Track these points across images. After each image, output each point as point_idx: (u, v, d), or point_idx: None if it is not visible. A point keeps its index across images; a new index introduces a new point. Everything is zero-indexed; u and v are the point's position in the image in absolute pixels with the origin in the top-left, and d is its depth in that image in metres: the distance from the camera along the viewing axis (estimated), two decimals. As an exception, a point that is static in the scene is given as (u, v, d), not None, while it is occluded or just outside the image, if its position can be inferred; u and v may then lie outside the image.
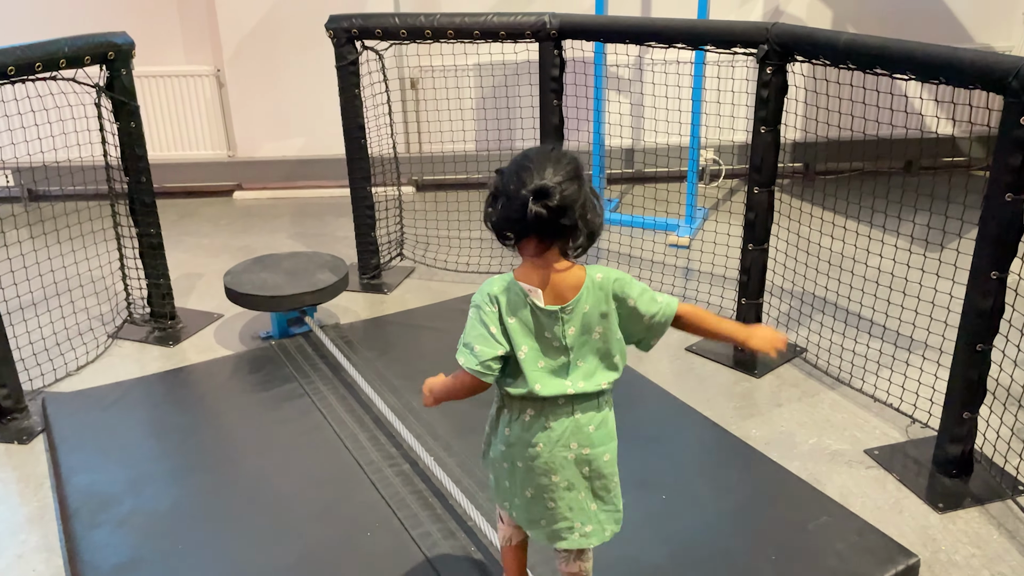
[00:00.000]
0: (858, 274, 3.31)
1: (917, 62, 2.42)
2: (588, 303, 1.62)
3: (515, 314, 1.62)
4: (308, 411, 3.00)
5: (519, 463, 1.71)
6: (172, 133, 5.29)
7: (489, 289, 1.65)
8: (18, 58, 2.88)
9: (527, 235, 1.58)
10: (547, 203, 1.52)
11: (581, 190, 1.57)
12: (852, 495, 2.57)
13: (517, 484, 1.74)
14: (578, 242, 1.59)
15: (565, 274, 1.62)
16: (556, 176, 1.54)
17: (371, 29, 3.63)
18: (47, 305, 3.69)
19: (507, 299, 1.63)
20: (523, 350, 1.62)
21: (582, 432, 1.67)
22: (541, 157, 1.57)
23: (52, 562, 2.42)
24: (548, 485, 1.70)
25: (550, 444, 1.67)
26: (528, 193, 1.52)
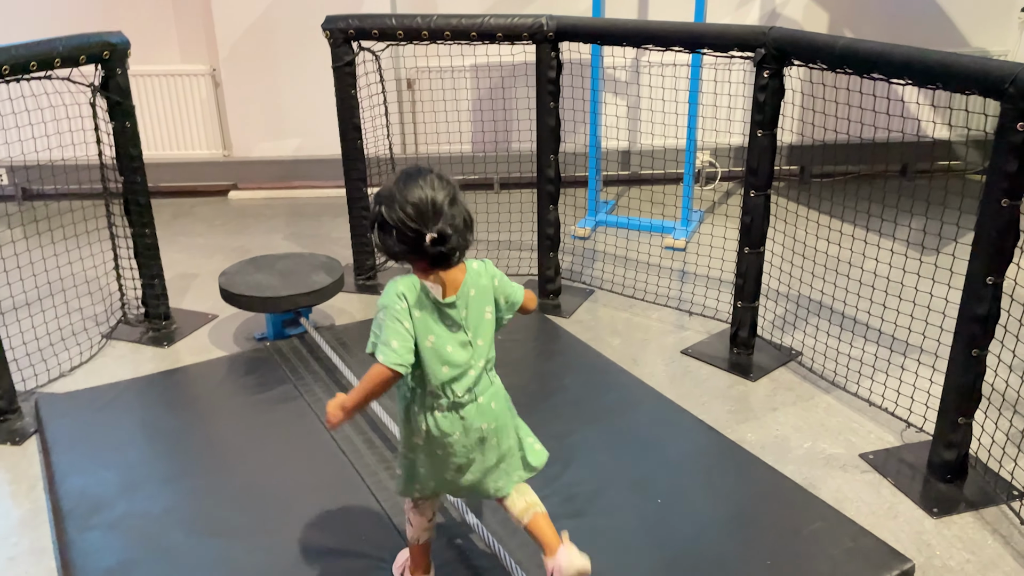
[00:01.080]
0: (853, 278, 3.31)
1: (914, 67, 2.42)
2: (473, 288, 1.88)
3: (421, 308, 1.83)
4: (303, 413, 2.99)
5: (439, 451, 1.92)
6: (167, 132, 5.28)
7: (395, 290, 1.83)
8: (13, 57, 2.86)
9: (422, 259, 1.82)
10: (445, 245, 1.78)
11: (462, 212, 1.81)
12: (847, 500, 2.58)
13: (438, 469, 1.95)
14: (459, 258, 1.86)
15: (453, 271, 1.86)
16: (449, 211, 1.77)
17: (368, 30, 3.62)
18: (40, 305, 3.67)
19: (414, 296, 1.83)
20: (430, 339, 1.84)
21: (486, 411, 1.93)
22: (428, 190, 1.77)
23: (44, 564, 2.41)
24: (466, 463, 1.94)
25: (465, 430, 1.91)
26: (429, 241, 1.76)
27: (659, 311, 3.82)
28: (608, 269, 4.18)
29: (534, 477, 2.61)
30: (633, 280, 4.04)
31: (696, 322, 3.70)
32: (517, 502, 2.03)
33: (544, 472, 2.63)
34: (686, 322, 3.71)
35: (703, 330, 3.62)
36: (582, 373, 3.24)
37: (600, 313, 3.82)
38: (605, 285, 4.04)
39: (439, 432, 1.90)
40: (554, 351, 3.45)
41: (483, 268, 1.92)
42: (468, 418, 1.90)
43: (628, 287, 4.00)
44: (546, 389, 3.14)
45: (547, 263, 3.86)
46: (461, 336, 1.88)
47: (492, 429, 1.95)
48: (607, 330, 3.66)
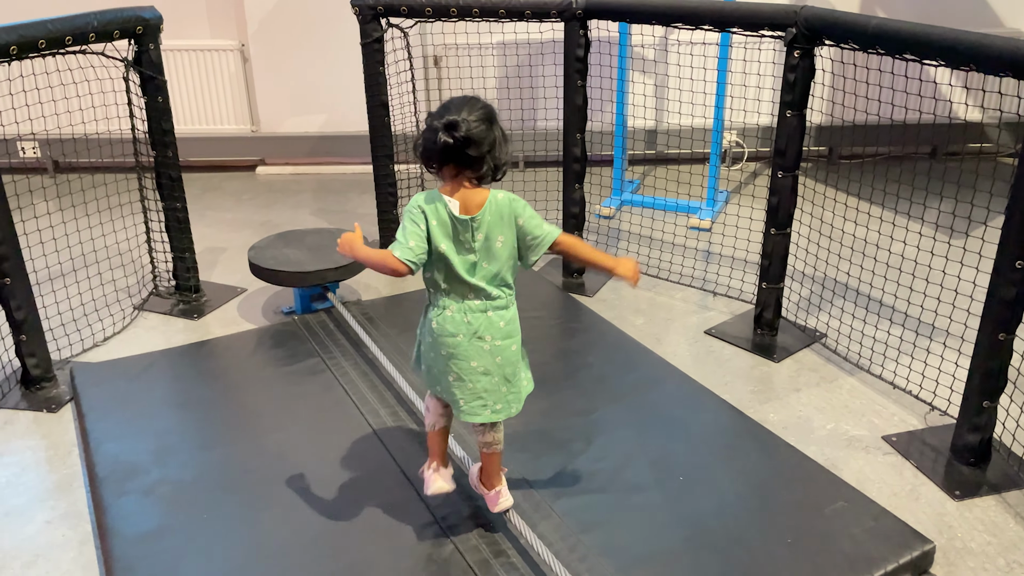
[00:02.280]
0: (880, 260, 3.29)
1: (948, 48, 2.40)
2: (491, 215, 2.01)
3: (437, 218, 1.99)
4: (330, 386, 3.04)
5: (443, 351, 2.08)
6: (196, 107, 5.33)
7: (418, 201, 2.01)
8: (49, 32, 2.91)
9: (444, 162, 1.97)
10: (454, 134, 1.91)
11: (490, 131, 1.96)
12: (869, 481, 2.59)
13: (443, 369, 2.10)
14: (482, 172, 1.98)
15: (474, 192, 2.01)
16: (468, 116, 1.93)
17: (397, 7, 3.63)
18: (75, 276, 3.75)
19: (432, 207, 2.00)
20: (442, 247, 2.00)
21: (494, 327, 2.07)
22: (460, 101, 1.97)
23: (80, 528, 2.48)
24: (468, 369, 2.08)
25: (469, 335, 2.05)
26: (440, 125, 1.92)
27: (683, 291, 3.82)
28: (632, 248, 4.19)
29: (558, 454, 2.66)
30: (657, 260, 4.04)
31: (720, 302, 3.70)
32: (487, 434, 2.22)
33: (567, 448, 2.68)
34: (710, 302, 3.72)
35: (727, 311, 3.63)
36: (605, 352, 3.26)
37: (624, 292, 3.83)
38: (629, 264, 4.05)
39: (445, 330, 2.05)
40: (577, 330, 3.47)
41: (507, 201, 2.03)
42: (475, 324, 2.05)
43: (652, 266, 4.00)
44: (570, 367, 3.17)
45: (572, 242, 3.87)
46: (470, 257, 2.02)
47: (498, 348, 2.07)
48: (630, 309, 3.67)
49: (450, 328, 2.05)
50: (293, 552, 2.30)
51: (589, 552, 2.25)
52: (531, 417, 2.83)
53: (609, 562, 2.22)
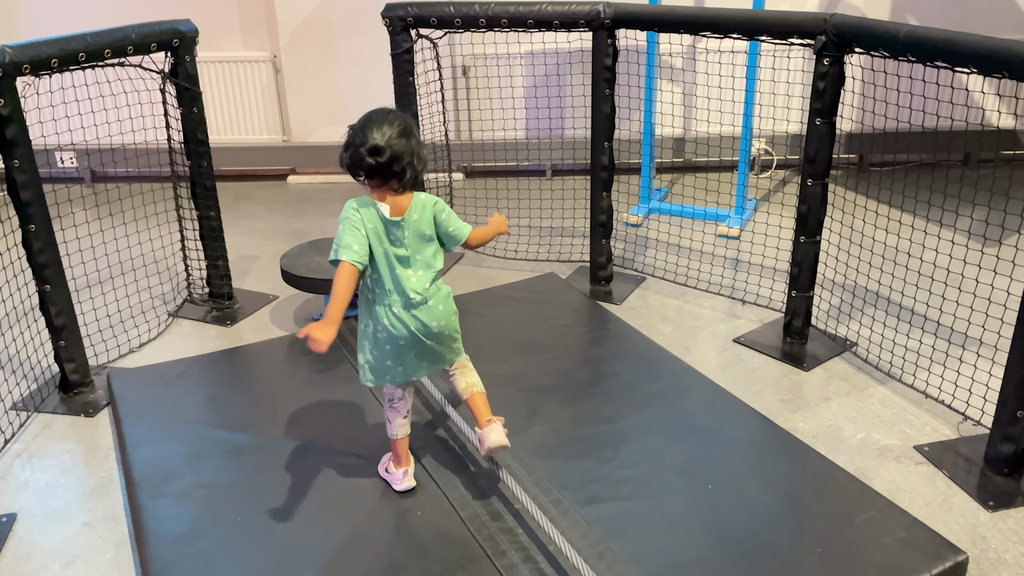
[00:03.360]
0: (912, 268, 3.27)
1: (980, 55, 2.38)
2: (416, 214, 2.29)
3: (372, 222, 2.25)
4: (359, 391, 3.07)
5: (400, 341, 2.32)
6: (229, 117, 5.41)
7: (351, 205, 2.27)
8: (89, 44, 2.98)
9: (370, 176, 2.23)
10: (378, 159, 2.18)
11: (408, 144, 2.21)
12: (900, 491, 2.57)
13: (400, 357, 2.35)
14: (404, 180, 2.23)
15: (401, 197, 2.27)
16: (389, 136, 2.18)
17: (426, 18, 3.67)
18: (112, 284, 3.83)
19: (366, 210, 2.25)
20: (382, 247, 2.26)
21: (435, 312, 2.33)
22: (379, 119, 2.22)
23: (117, 530, 2.54)
24: (423, 349, 2.35)
25: (418, 323, 2.31)
26: (364, 151, 2.18)
27: (711, 299, 3.82)
28: (660, 256, 4.19)
29: (586, 461, 2.67)
30: (686, 268, 4.04)
31: (749, 311, 3.69)
32: (460, 380, 2.49)
33: (595, 455, 2.69)
34: (739, 311, 3.71)
35: (756, 319, 3.62)
36: (633, 359, 3.26)
37: (652, 300, 3.83)
38: (657, 272, 4.05)
39: (396, 325, 2.30)
40: (605, 337, 3.48)
41: (428, 200, 2.32)
42: (420, 316, 2.31)
43: (680, 275, 4.00)
44: (597, 375, 3.18)
45: (599, 250, 3.88)
46: (403, 251, 2.28)
47: (443, 325, 2.36)
48: (658, 317, 3.68)
49: (400, 321, 2.30)
50: (325, 555, 2.33)
51: (617, 560, 2.26)
52: (559, 424, 2.85)
53: (637, 570, 2.22)
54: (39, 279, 3.00)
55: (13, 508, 2.62)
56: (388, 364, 2.37)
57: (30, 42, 2.81)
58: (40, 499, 2.66)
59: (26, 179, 2.87)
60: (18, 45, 2.76)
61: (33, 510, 2.61)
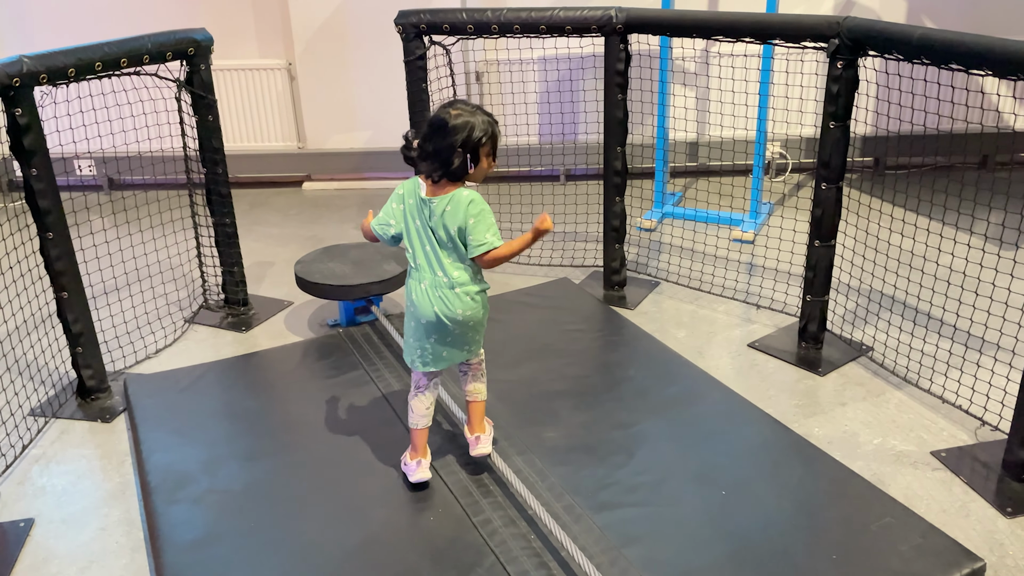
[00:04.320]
0: (928, 272, 3.24)
1: (995, 58, 2.37)
2: (447, 205, 2.33)
3: (411, 197, 2.39)
4: (374, 397, 3.08)
5: (423, 321, 2.40)
6: (245, 125, 5.45)
7: (403, 183, 2.42)
8: (105, 54, 3.02)
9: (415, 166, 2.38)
10: (407, 151, 2.37)
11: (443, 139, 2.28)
12: (917, 497, 2.54)
13: (422, 337, 2.43)
14: (436, 173, 2.32)
15: (445, 186, 2.35)
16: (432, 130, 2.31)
17: (439, 24, 3.68)
18: (129, 290, 3.86)
19: (408, 188, 2.41)
20: (416, 223, 2.38)
21: (463, 300, 2.38)
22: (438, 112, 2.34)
23: (133, 535, 2.55)
24: (444, 334, 2.42)
25: (443, 306, 2.37)
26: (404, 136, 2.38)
27: (726, 304, 3.80)
28: (674, 261, 4.17)
29: (599, 467, 2.67)
30: (700, 272, 4.02)
31: (764, 315, 3.67)
32: (468, 383, 2.61)
33: (608, 461, 2.69)
34: (753, 315, 3.69)
35: (771, 324, 3.60)
36: (647, 364, 3.25)
37: (665, 305, 3.82)
38: (671, 277, 4.04)
39: (422, 302, 2.39)
40: (619, 342, 3.47)
41: (467, 199, 2.33)
42: (448, 300, 2.37)
43: (694, 279, 3.99)
44: (611, 380, 3.17)
45: (612, 255, 3.88)
46: (431, 234, 2.36)
47: (468, 316, 2.40)
48: (672, 322, 3.66)
49: (427, 301, 2.38)
50: (338, 560, 2.34)
51: (630, 566, 2.25)
52: (572, 430, 2.84)
53: (651, 576, 2.21)
54: (56, 286, 3.03)
55: (31, 513, 2.64)
56: (413, 342, 2.47)
57: (47, 52, 2.84)
58: (57, 504, 2.69)
59: (44, 187, 2.90)
60: (35, 55, 2.80)
61: (50, 515, 2.64)
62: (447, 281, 2.36)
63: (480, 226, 2.31)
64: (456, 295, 2.37)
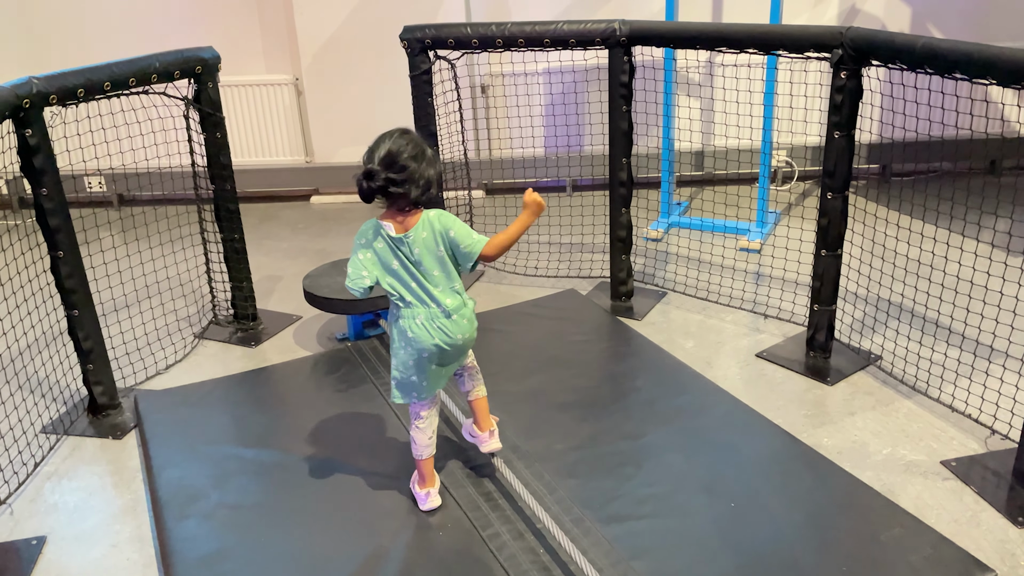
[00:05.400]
0: (936, 280, 3.23)
1: (998, 67, 2.37)
2: (425, 231, 2.32)
3: (381, 242, 2.33)
4: (382, 411, 3.09)
5: (424, 354, 2.38)
6: (253, 139, 5.49)
7: (360, 230, 2.36)
8: (114, 74, 3.05)
9: (368, 199, 2.29)
10: (371, 183, 2.25)
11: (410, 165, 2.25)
12: (927, 507, 2.53)
13: (424, 368, 2.41)
14: (407, 201, 2.29)
15: (410, 216, 2.32)
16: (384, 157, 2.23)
17: (444, 39, 3.71)
18: (139, 306, 3.89)
19: (371, 233, 2.34)
20: (395, 264, 2.33)
21: (460, 324, 2.38)
22: (381, 142, 2.28)
23: (145, 552, 2.57)
24: (445, 358, 2.41)
25: (443, 335, 2.36)
26: (359, 176, 2.26)
27: (733, 313, 3.80)
28: (681, 271, 4.18)
29: (608, 479, 2.67)
30: (707, 282, 4.02)
31: (771, 325, 3.67)
32: (468, 382, 2.62)
33: (616, 473, 2.69)
34: (761, 325, 3.69)
35: (779, 333, 3.59)
36: (655, 375, 3.25)
37: (673, 315, 3.82)
38: (678, 287, 4.04)
39: (422, 337, 2.35)
40: (626, 353, 3.48)
41: (437, 217, 2.33)
42: (446, 328, 2.35)
43: (701, 289, 3.99)
44: (619, 391, 3.17)
45: (619, 265, 3.88)
46: (420, 266, 2.33)
47: (466, 339, 2.42)
48: (680, 332, 3.66)
49: (424, 333, 2.35)
50: (348, 574, 2.34)
51: (640, 579, 2.25)
52: (580, 442, 2.84)
53: (660, 589, 2.21)
54: (67, 304, 3.05)
55: (43, 530, 2.66)
56: (413, 380, 2.43)
57: (57, 73, 2.88)
58: (69, 521, 2.70)
59: (54, 206, 2.93)
60: (45, 76, 2.83)
61: (62, 532, 2.65)
62: (442, 311, 2.34)
63: (462, 230, 2.32)
64: (453, 322, 2.36)
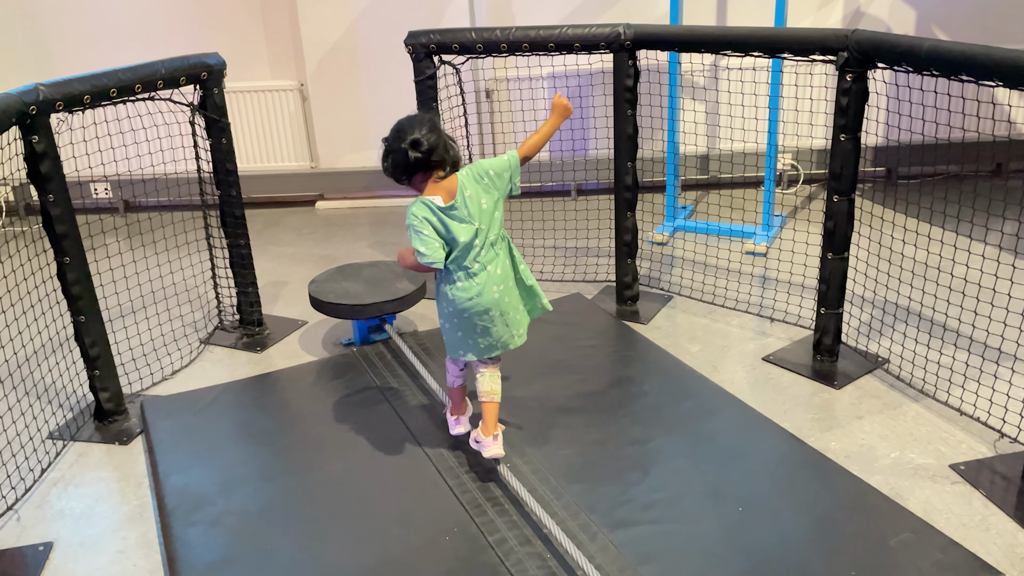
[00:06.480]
0: (943, 283, 3.22)
1: (1004, 69, 2.36)
2: (468, 190, 2.49)
3: (431, 217, 2.46)
4: (388, 416, 3.09)
5: (465, 314, 2.55)
6: (258, 146, 5.50)
7: (411, 211, 2.48)
8: (120, 80, 3.06)
9: (414, 172, 2.48)
10: (420, 149, 2.43)
11: (440, 136, 2.48)
12: (936, 511, 2.52)
13: (469, 330, 2.58)
14: (447, 168, 2.49)
15: (447, 181, 2.50)
16: (423, 132, 2.44)
17: (448, 44, 3.71)
18: (145, 312, 3.90)
19: (424, 210, 2.47)
20: (454, 233, 2.46)
21: (495, 276, 2.54)
22: (408, 123, 2.48)
23: (151, 558, 2.57)
24: (489, 318, 2.56)
25: (481, 292, 2.52)
26: (406, 146, 2.43)
27: (739, 317, 3.79)
28: (687, 275, 4.17)
29: (614, 484, 2.66)
30: (712, 286, 4.01)
31: (778, 328, 3.66)
32: (485, 383, 2.68)
33: (623, 478, 2.68)
34: (767, 328, 3.67)
35: (785, 337, 3.58)
36: (661, 380, 3.25)
37: (679, 319, 3.82)
38: (684, 291, 4.03)
39: (461, 297, 2.52)
40: (632, 357, 3.47)
41: (470, 171, 2.51)
42: (481, 283, 2.51)
43: (707, 293, 3.98)
44: (625, 395, 3.16)
45: (624, 269, 3.88)
46: (468, 227, 2.48)
47: (505, 290, 2.55)
48: (686, 336, 3.66)
49: (465, 294, 2.52)
50: (354, 582, 2.34)
51: (647, 584, 2.24)
52: (587, 447, 2.84)
53: (668, 594, 2.20)
54: (74, 310, 3.06)
55: (50, 536, 2.66)
56: (459, 336, 2.61)
57: (63, 80, 2.89)
58: (76, 527, 2.70)
59: (60, 213, 2.94)
60: (51, 83, 2.84)
61: (69, 539, 2.65)
62: (482, 266, 2.52)
63: (494, 161, 2.54)
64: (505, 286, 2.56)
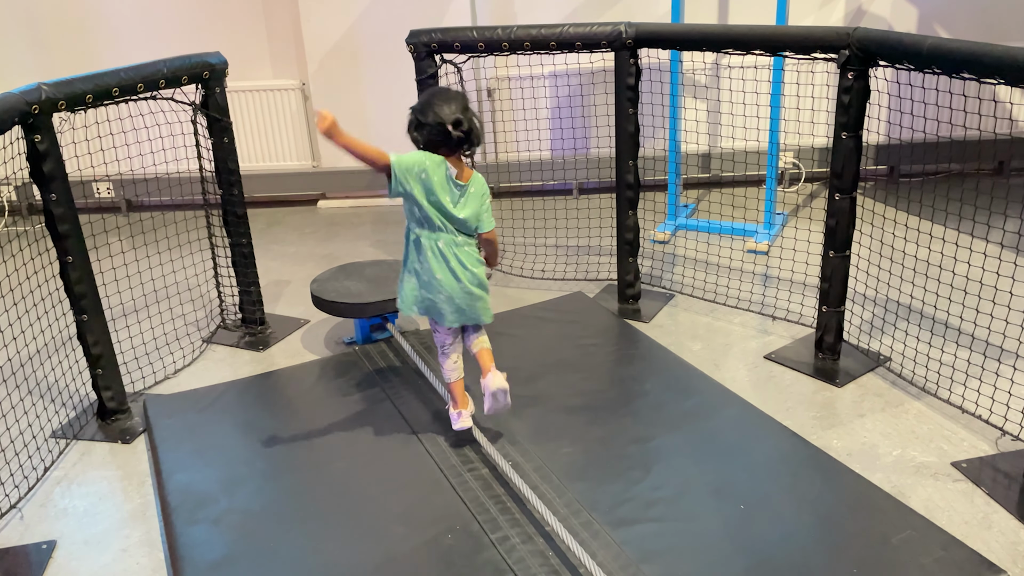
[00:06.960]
0: (945, 281, 3.22)
1: (1005, 67, 2.36)
2: (474, 187, 2.64)
3: (436, 174, 2.55)
4: (390, 415, 3.09)
5: (433, 282, 2.64)
6: (260, 144, 5.51)
7: (426, 158, 2.54)
8: (122, 80, 3.06)
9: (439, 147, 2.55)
10: (462, 128, 2.52)
11: (474, 116, 2.56)
12: (938, 509, 2.52)
13: (435, 295, 2.67)
14: (473, 149, 2.62)
15: (464, 168, 2.62)
16: (461, 110, 2.52)
17: (450, 43, 3.71)
18: (147, 312, 3.90)
19: (434, 163, 2.54)
20: (435, 194, 2.55)
21: (469, 256, 2.65)
22: (444, 96, 2.55)
23: (154, 556, 2.57)
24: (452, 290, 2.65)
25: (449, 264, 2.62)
26: (450, 124, 2.50)
27: (741, 315, 3.79)
28: (688, 273, 4.17)
29: (617, 482, 2.66)
30: (714, 284, 4.02)
31: (780, 327, 3.66)
32: (472, 337, 2.80)
33: (625, 476, 2.68)
34: (769, 327, 3.67)
35: (787, 335, 3.58)
36: (663, 378, 3.25)
37: (681, 318, 3.82)
38: (685, 289, 4.03)
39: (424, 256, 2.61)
40: (634, 356, 3.47)
41: (484, 184, 2.66)
42: (459, 254, 2.62)
43: (709, 291, 3.98)
44: (627, 394, 3.17)
45: (626, 268, 3.88)
46: (458, 205, 2.59)
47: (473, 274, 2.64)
48: (688, 335, 3.66)
49: (434, 263, 2.61)
50: (356, 580, 2.34)
51: (649, 582, 2.24)
52: (589, 445, 2.84)
53: (670, 592, 2.21)
54: (76, 309, 3.07)
55: (53, 535, 2.67)
56: (414, 292, 2.69)
57: (65, 79, 2.89)
58: (79, 526, 2.71)
59: (63, 212, 2.94)
60: (54, 82, 2.84)
61: (72, 537, 2.66)
62: (460, 239, 2.63)
63: (488, 208, 2.68)
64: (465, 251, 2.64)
